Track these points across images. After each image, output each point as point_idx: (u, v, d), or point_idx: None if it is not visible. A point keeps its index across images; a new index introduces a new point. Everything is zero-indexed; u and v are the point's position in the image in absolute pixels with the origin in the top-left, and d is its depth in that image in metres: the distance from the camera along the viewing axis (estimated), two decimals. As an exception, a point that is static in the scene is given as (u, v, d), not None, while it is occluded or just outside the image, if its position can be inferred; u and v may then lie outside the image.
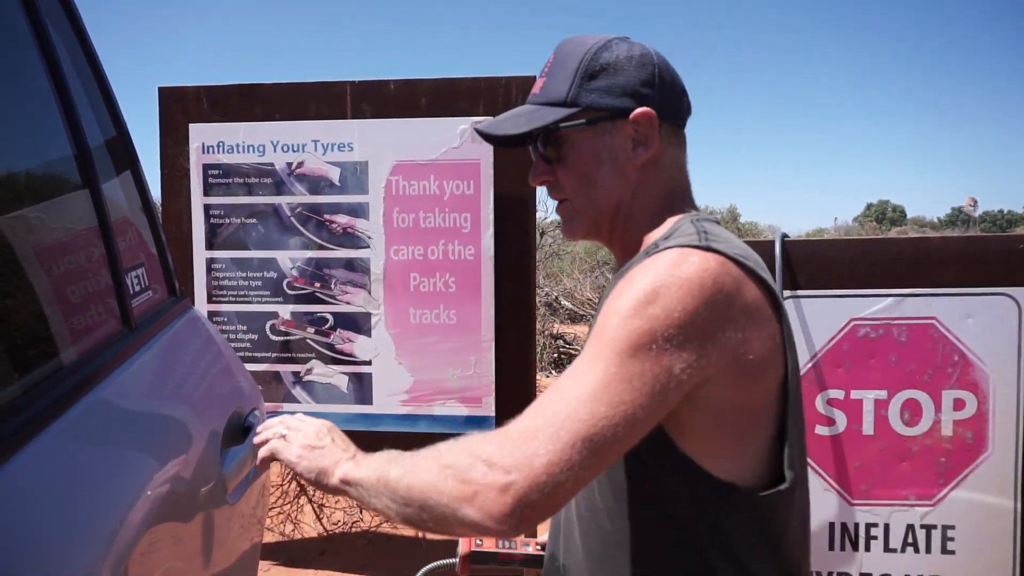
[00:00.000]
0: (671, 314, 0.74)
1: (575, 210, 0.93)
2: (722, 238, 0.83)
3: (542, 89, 0.92)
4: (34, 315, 0.82)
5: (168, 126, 2.74)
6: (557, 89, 0.90)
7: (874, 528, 1.89)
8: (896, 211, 47.73)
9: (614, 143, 0.90)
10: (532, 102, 0.93)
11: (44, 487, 0.69)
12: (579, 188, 0.91)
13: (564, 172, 0.92)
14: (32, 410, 0.72)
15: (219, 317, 2.69)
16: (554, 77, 0.91)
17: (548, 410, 0.74)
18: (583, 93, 0.89)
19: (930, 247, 1.90)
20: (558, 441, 0.71)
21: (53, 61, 1.00)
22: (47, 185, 0.97)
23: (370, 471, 0.84)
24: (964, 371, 1.85)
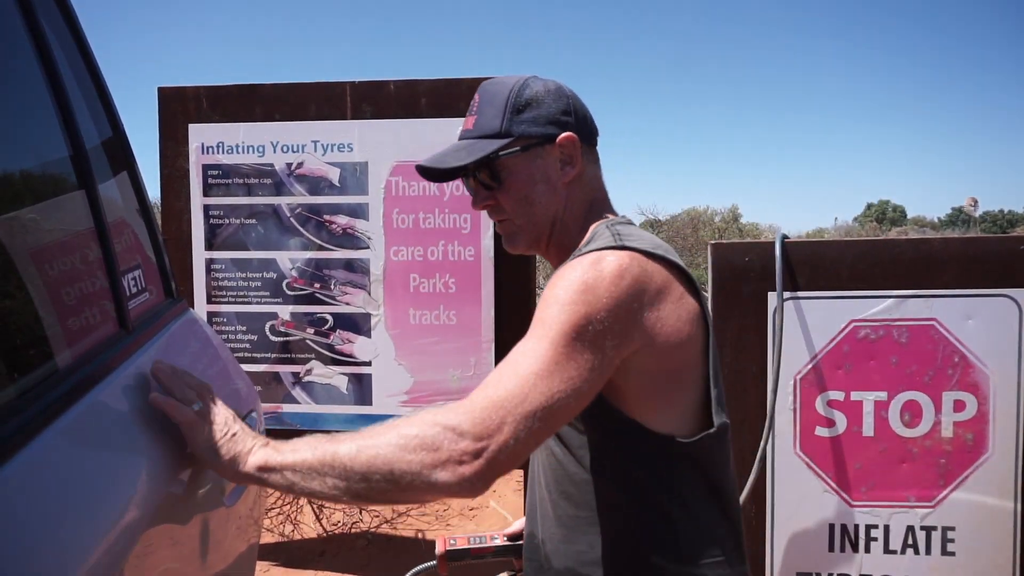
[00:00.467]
0: (601, 300, 0.88)
1: (517, 227, 1.05)
2: (634, 236, 0.98)
3: (475, 125, 1.04)
4: (30, 317, 0.82)
5: (168, 126, 2.73)
6: (490, 124, 1.02)
7: (874, 529, 1.89)
8: (896, 211, 47.71)
9: (545, 165, 1.03)
10: (466, 138, 1.04)
11: (40, 490, 0.68)
12: (519, 207, 1.04)
13: (504, 195, 1.03)
14: (28, 413, 0.72)
15: (219, 318, 2.69)
16: (484, 114, 1.03)
17: (509, 384, 0.86)
18: (514, 124, 1.02)
19: (930, 248, 1.89)
20: (521, 412, 0.83)
21: (49, 62, 0.99)
22: (43, 186, 0.97)
23: (305, 453, 0.86)
24: (964, 372, 1.85)
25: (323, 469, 0.84)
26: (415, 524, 3.34)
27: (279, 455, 0.87)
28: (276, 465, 0.87)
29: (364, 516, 3.35)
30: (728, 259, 1.95)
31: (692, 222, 15.92)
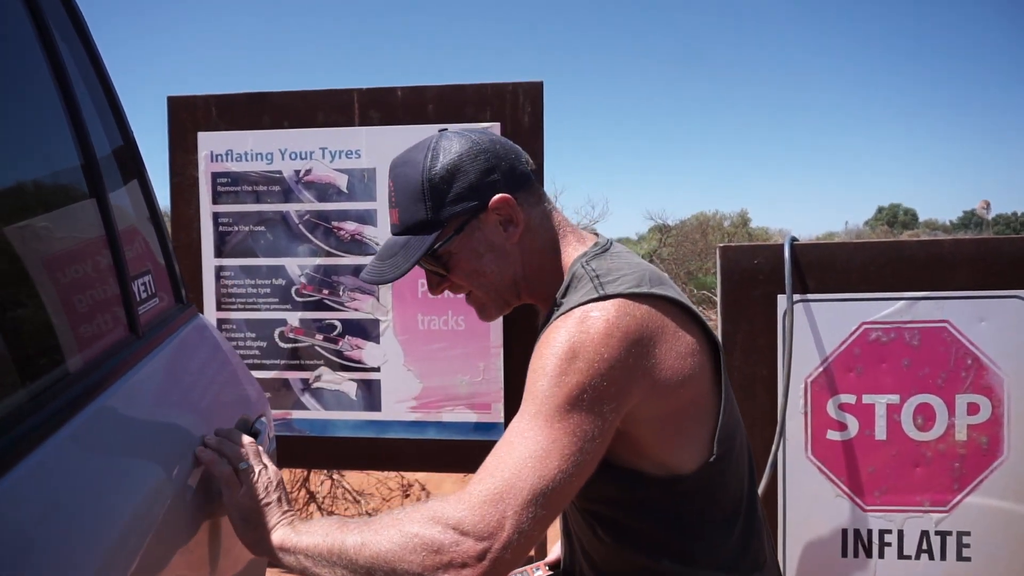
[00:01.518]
0: (592, 365, 0.83)
1: (481, 300, 1.05)
2: (614, 273, 0.92)
3: (400, 220, 1.01)
4: (41, 323, 0.82)
5: (177, 135, 2.75)
6: (413, 216, 0.99)
7: (888, 535, 1.87)
8: (908, 214, 47.43)
9: (486, 234, 1.00)
10: (396, 233, 1.03)
11: (48, 494, 0.69)
12: (475, 282, 1.02)
13: (456, 276, 1.03)
14: (38, 417, 0.72)
15: (228, 325, 2.70)
16: (405, 208, 0.99)
17: (506, 471, 0.81)
18: (440, 211, 0.97)
19: (942, 250, 1.88)
20: (521, 500, 0.79)
21: (60, 72, 1.00)
22: (55, 194, 0.98)
23: (317, 538, 0.85)
24: (978, 375, 1.83)
25: (331, 558, 0.83)
26: (425, 530, 3.34)
27: (296, 536, 0.87)
28: (291, 547, 0.87)
29: (374, 522, 3.35)
30: (737, 262, 1.94)
31: (701, 227, 15.88)
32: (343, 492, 3.47)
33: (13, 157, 0.87)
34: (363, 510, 3.38)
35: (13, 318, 0.77)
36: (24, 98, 0.94)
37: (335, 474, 3.48)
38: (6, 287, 0.76)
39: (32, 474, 0.67)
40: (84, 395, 0.80)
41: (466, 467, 2.83)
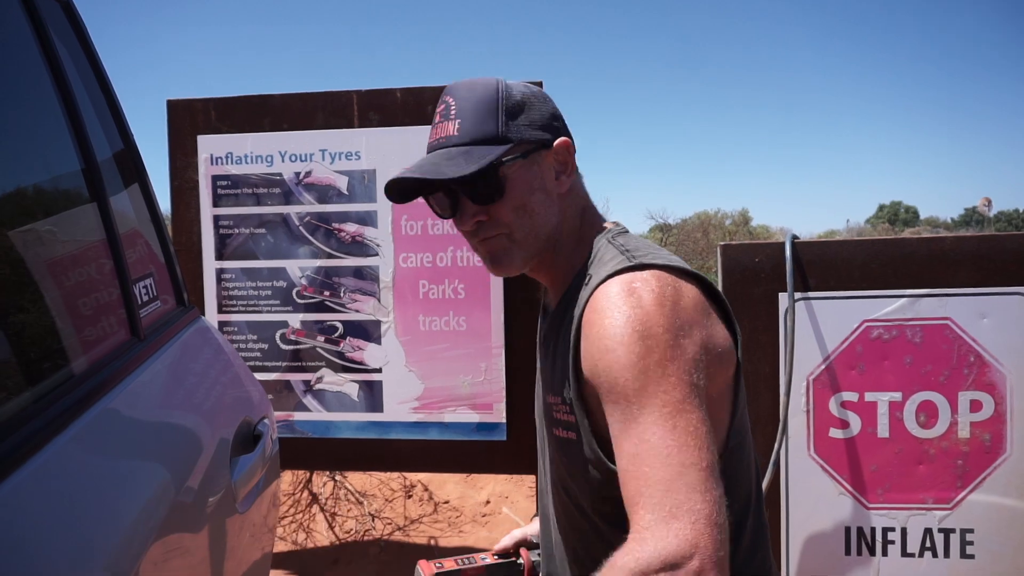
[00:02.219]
0: (661, 337, 0.79)
1: (514, 243, 0.94)
2: (643, 248, 0.91)
3: (462, 131, 0.92)
4: (42, 326, 0.83)
5: (177, 138, 2.76)
6: (482, 128, 0.91)
7: (891, 532, 1.86)
8: (909, 212, 47.34)
9: (542, 173, 0.95)
10: (452, 144, 0.92)
11: (53, 496, 0.69)
12: (518, 219, 0.93)
13: (501, 207, 0.93)
14: (41, 420, 0.72)
15: (230, 327, 2.70)
16: (471, 120, 0.92)
17: (660, 485, 0.73)
18: (512, 129, 0.92)
19: (943, 247, 1.87)
20: (692, 500, 0.71)
21: (61, 78, 1.00)
22: (56, 199, 0.98)
23: None
24: (980, 372, 1.83)
25: None
26: (428, 531, 3.33)
27: None
28: None
29: (377, 524, 3.35)
30: (738, 260, 1.94)
31: (702, 225, 15.88)
32: (346, 493, 3.47)
33: (15, 162, 0.87)
34: (366, 511, 3.38)
35: (16, 322, 0.77)
36: (25, 104, 0.94)
37: (338, 475, 3.47)
38: (7, 291, 0.76)
39: (35, 477, 0.67)
40: (86, 398, 0.80)
41: (468, 467, 2.83)
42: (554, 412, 0.94)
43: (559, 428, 0.94)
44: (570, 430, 0.91)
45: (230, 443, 1.10)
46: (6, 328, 0.74)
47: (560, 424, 0.93)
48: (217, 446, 1.05)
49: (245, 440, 1.19)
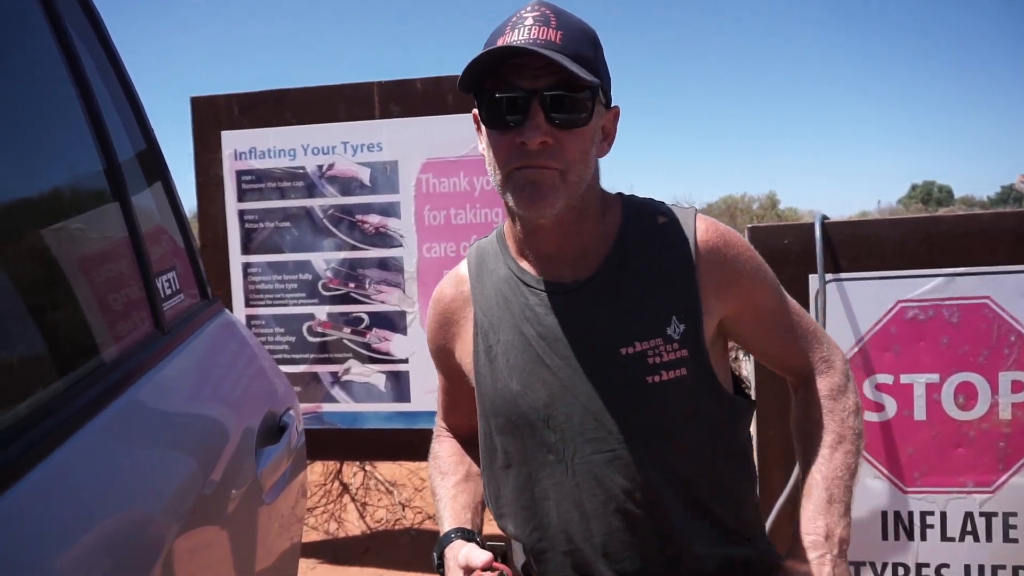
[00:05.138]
0: None
1: (564, 183, 0.86)
2: None
3: (563, 42, 0.82)
4: (65, 321, 0.83)
5: (201, 134, 2.78)
6: (583, 52, 0.84)
7: (930, 516, 1.82)
8: (943, 191, 46.22)
9: (597, 129, 0.89)
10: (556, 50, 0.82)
11: (75, 487, 0.69)
12: (578, 160, 0.87)
13: (571, 140, 0.85)
14: (66, 411, 0.72)
15: (257, 321, 2.73)
16: (573, 37, 0.84)
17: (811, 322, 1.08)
18: (601, 69, 0.88)
19: (981, 224, 1.81)
20: None
21: (81, 80, 1.01)
22: (78, 198, 0.99)
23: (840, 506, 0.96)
24: (1023, 351, 1.77)
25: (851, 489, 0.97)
26: (458, 520, 3.35)
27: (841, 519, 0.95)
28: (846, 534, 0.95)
29: (407, 513, 3.37)
30: (766, 242, 1.90)
31: (729, 210, 15.67)
32: (376, 483, 3.50)
33: (40, 165, 0.88)
34: (396, 500, 3.40)
35: (41, 317, 0.78)
36: (47, 108, 0.95)
37: (368, 465, 3.50)
38: (30, 288, 0.77)
39: (60, 468, 0.68)
40: (110, 391, 0.81)
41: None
42: (647, 359, 0.90)
43: (659, 373, 0.90)
44: (680, 367, 0.90)
45: (255, 434, 1.11)
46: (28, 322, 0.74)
47: (662, 368, 0.90)
48: (242, 437, 1.05)
49: (271, 431, 1.19)
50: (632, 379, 0.90)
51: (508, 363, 0.96)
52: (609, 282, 0.93)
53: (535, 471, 0.95)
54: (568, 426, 0.92)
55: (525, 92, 0.83)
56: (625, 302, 0.92)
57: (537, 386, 0.94)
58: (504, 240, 1.00)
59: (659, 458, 0.92)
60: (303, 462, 1.38)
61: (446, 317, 1.05)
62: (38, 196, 0.87)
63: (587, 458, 0.92)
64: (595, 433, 0.92)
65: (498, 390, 0.96)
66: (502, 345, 0.96)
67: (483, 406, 1.00)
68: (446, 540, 0.98)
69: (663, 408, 0.91)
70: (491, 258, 1.01)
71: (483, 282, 1.01)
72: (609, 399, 0.91)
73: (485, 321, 0.98)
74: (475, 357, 1.00)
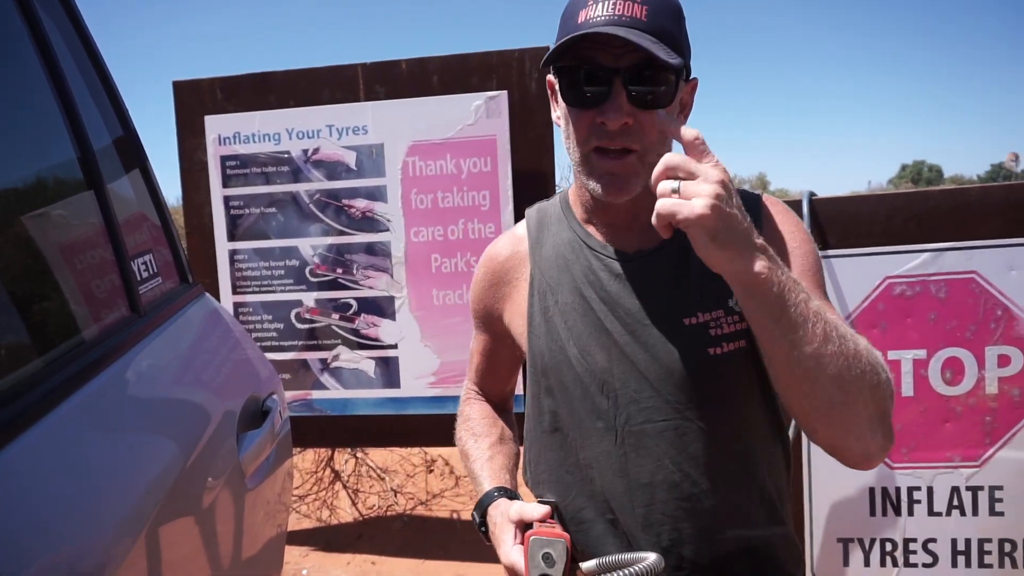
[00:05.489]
0: None
1: (643, 166, 0.84)
2: None
3: (648, 19, 0.80)
4: (34, 302, 0.81)
5: (184, 119, 2.74)
6: (669, 29, 0.82)
7: (917, 492, 1.83)
8: (932, 171, 46.29)
9: (676, 106, 0.86)
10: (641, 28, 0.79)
11: (48, 473, 0.68)
12: (657, 140, 0.85)
13: (652, 120, 0.83)
14: (35, 394, 0.71)
15: (244, 308, 2.71)
16: (661, 13, 0.81)
17: None
18: (685, 45, 0.85)
19: (968, 198, 1.81)
20: None
21: (55, 68, 0.99)
22: (48, 186, 0.97)
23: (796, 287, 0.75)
24: (1009, 326, 1.77)
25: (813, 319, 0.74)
26: (450, 505, 3.35)
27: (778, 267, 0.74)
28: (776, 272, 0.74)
29: (399, 499, 3.38)
30: (754, 221, 1.89)
31: (720, 193, 15.65)
32: (368, 470, 3.50)
33: (9, 154, 0.86)
34: (388, 487, 3.41)
35: (13, 299, 0.76)
36: (16, 95, 0.92)
37: (359, 452, 3.50)
38: (5, 273, 0.75)
39: (29, 452, 0.66)
40: (82, 374, 0.79)
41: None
42: (709, 330, 0.89)
43: (720, 345, 0.89)
44: (740, 339, 0.89)
45: (236, 418, 1.09)
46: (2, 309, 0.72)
47: (723, 339, 0.89)
48: (221, 421, 1.04)
49: (253, 416, 1.18)
50: (693, 349, 0.89)
51: (566, 324, 0.93)
52: (674, 253, 0.91)
53: (582, 437, 0.93)
54: (623, 393, 0.91)
55: (607, 71, 0.81)
56: (689, 273, 0.91)
57: (595, 350, 0.92)
58: (568, 205, 0.99)
59: (713, 431, 0.90)
60: (289, 448, 1.37)
61: (498, 276, 1.03)
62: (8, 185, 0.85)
63: (638, 427, 0.90)
64: (650, 402, 0.90)
65: (552, 351, 0.94)
66: (560, 306, 0.94)
67: (534, 367, 0.97)
68: (488, 499, 0.96)
69: (722, 380, 0.90)
70: (553, 220, 1.00)
71: (543, 243, 0.99)
72: (668, 368, 0.89)
73: (543, 281, 0.96)
74: (529, 316, 0.97)
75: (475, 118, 2.52)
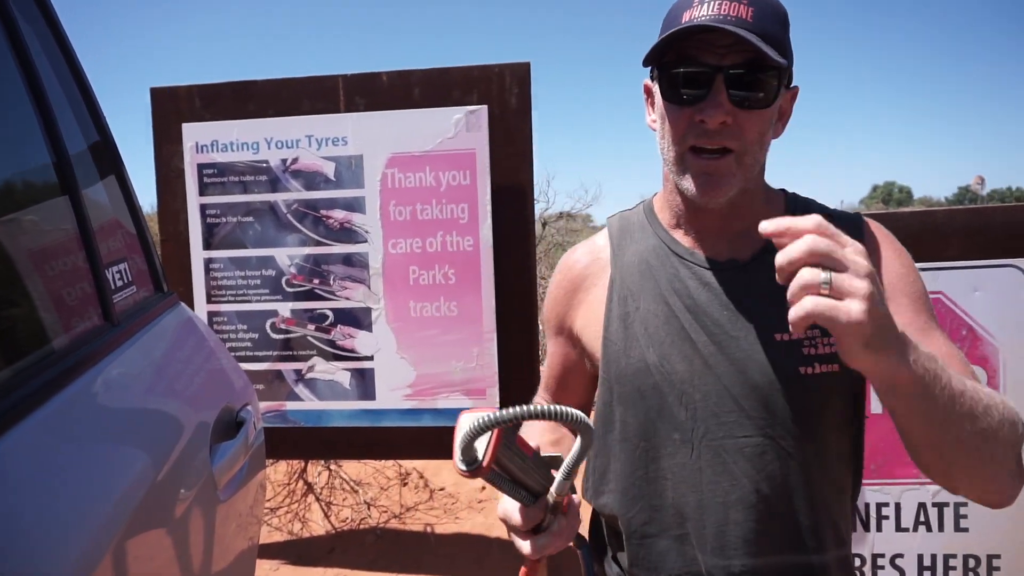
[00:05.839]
0: None
1: (740, 167, 0.84)
2: None
3: (754, 20, 0.80)
4: (7, 310, 0.80)
5: (161, 126, 2.72)
6: (775, 31, 0.81)
7: (885, 508, 1.86)
8: (903, 192, 47.32)
9: (775, 111, 0.86)
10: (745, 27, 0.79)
11: (10, 489, 0.67)
12: (755, 142, 0.84)
13: (751, 121, 0.82)
14: (3, 404, 0.70)
15: (219, 317, 2.68)
16: (766, 16, 0.81)
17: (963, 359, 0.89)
18: (789, 49, 0.84)
19: (935, 220, 1.86)
20: None
21: (31, 72, 0.98)
22: (23, 191, 0.96)
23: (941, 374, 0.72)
24: (973, 345, 1.81)
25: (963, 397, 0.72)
26: (424, 518, 3.33)
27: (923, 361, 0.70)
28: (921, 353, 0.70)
29: (372, 512, 3.34)
30: (728, 238, 1.92)
31: (696, 209, 15.82)
32: (341, 482, 3.46)
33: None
34: (361, 500, 3.37)
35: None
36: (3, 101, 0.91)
37: (332, 464, 3.47)
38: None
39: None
40: (54, 383, 0.78)
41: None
42: (803, 348, 0.86)
43: (813, 365, 0.86)
44: (831, 362, 0.86)
45: (210, 429, 1.08)
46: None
47: (816, 359, 0.86)
48: (195, 432, 1.03)
49: (227, 427, 1.17)
50: (783, 366, 0.86)
51: (646, 331, 0.90)
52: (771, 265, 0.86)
53: (656, 448, 0.90)
54: (703, 405, 0.87)
55: (710, 68, 0.81)
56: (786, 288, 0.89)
57: (676, 359, 0.88)
58: (653, 211, 0.97)
59: (796, 452, 0.86)
60: (262, 460, 1.36)
61: (575, 283, 0.99)
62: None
63: (717, 442, 0.87)
64: (732, 417, 0.86)
65: (630, 358, 0.91)
66: (641, 313, 0.91)
67: (607, 373, 0.93)
68: None
69: (811, 401, 0.86)
70: (636, 228, 0.97)
71: (624, 250, 0.96)
72: (755, 384, 0.86)
73: (624, 287, 0.94)
74: (606, 321, 0.94)
75: (455, 131, 2.54)
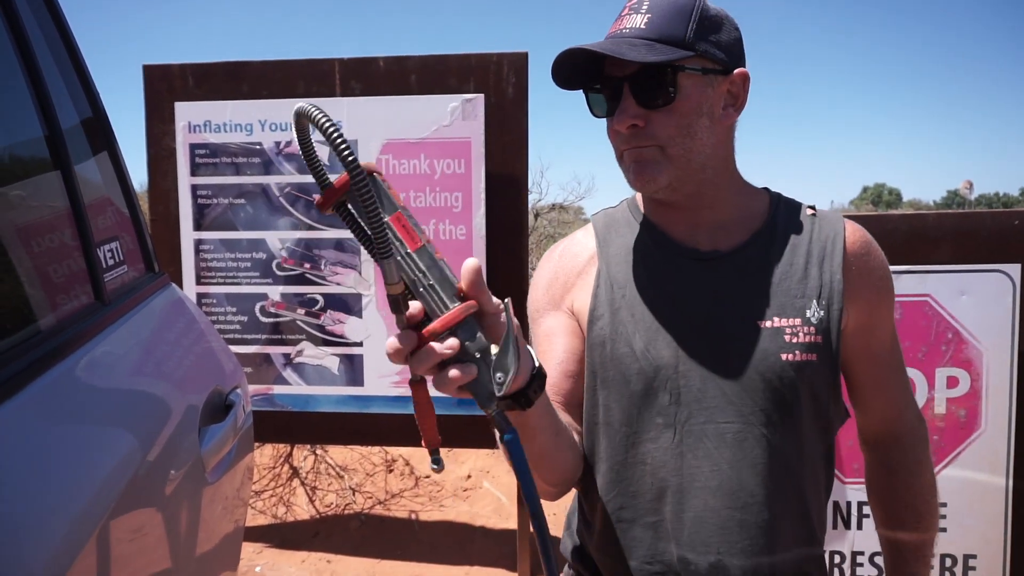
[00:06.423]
0: None
1: (666, 157, 0.89)
2: None
3: (649, 25, 0.87)
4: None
5: (153, 104, 2.69)
6: (671, 30, 0.87)
7: (866, 506, 1.88)
8: (892, 194, 47.66)
9: (713, 98, 0.90)
10: (638, 36, 0.87)
11: (3, 465, 0.66)
12: (677, 136, 0.88)
13: (663, 117, 0.88)
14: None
15: (208, 299, 2.67)
16: (660, 16, 0.88)
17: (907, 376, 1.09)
18: (699, 41, 0.87)
19: (924, 224, 1.87)
20: None
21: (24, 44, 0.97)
22: (16, 165, 0.95)
23: None
24: (958, 349, 1.84)
25: None
26: (408, 505, 3.34)
27: None
28: None
29: (357, 498, 3.35)
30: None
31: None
32: (327, 467, 3.46)
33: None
34: (346, 485, 3.38)
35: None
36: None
37: (318, 449, 3.47)
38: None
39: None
40: (42, 361, 0.78)
41: (449, 441, 2.82)
42: (785, 336, 0.89)
43: (794, 352, 0.89)
44: (811, 351, 0.89)
45: (199, 412, 1.08)
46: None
47: (798, 347, 0.89)
48: (184, 414, 1.03)
49: (216, 410, 1.17)
50: (767, 352, 0.88)
51: (632, 317, 0.92)
52: (755, 256, 0.92)
53: (637, 432, 0.91)
54: (686, 391, 0.89)
55: (616, 81, 0.89)
56: (770, 278, 0.91)
57: (662, 345, 0.90)
58: (637, 206, 1.01)
59: (775, 441, 0.89)
60: (250, 443, 1.36)
61: (564, 272, 1.00)
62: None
63: (699, 426, 0.88)
64: (715, 402, 0.88)
65: (615, 343, 0.92)
66: (628, 300, 0.93)
67: (591, 357, 0.95)
68: None
69: (791, 389, 0.89)
70: (621, 223, 1.00)
71: (610, 244, 0.99)
72: (738, 369, 0.88)
73: (610, 277, 0.96)
74: (592, 307, 0.95)
75: (451, 119, 2.53)
